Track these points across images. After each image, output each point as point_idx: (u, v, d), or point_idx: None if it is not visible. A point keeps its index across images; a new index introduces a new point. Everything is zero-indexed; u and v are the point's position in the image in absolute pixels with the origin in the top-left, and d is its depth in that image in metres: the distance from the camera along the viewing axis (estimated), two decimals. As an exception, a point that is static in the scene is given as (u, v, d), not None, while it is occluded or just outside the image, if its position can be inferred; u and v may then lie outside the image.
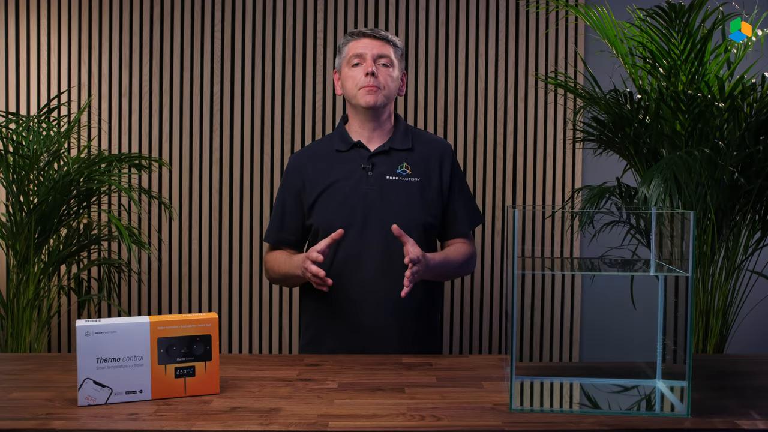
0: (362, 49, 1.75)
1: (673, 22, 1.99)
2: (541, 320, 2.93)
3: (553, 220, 1.28)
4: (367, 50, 1.74)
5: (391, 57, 1.76)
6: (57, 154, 2.40)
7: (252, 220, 2.96)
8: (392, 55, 1.77)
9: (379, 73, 1.73)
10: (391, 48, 1.77)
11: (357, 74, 1.74)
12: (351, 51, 1.77)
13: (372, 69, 1.72)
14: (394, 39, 1.79)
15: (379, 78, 1.73)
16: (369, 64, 1.73)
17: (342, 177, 1.75)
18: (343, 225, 1.69)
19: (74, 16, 2.89)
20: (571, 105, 2.95)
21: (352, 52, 1.76)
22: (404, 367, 1.45)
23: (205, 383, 1.26)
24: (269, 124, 2.94)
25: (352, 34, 1.79)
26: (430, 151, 1.80)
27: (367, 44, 1.75)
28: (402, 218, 1.70)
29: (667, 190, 1.83)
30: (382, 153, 1.77)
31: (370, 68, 1.72)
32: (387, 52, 1.76)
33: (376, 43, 1.75)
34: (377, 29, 1.78)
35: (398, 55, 1.79)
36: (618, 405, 1.21)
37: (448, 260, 1.74)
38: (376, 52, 1.74)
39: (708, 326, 2.15)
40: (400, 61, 1.80)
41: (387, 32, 1.80)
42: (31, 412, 1.16)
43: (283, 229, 1.82)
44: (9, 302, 2.40)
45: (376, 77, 1.73)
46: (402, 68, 1.81)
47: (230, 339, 2.97)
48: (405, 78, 1.85)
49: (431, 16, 2.95)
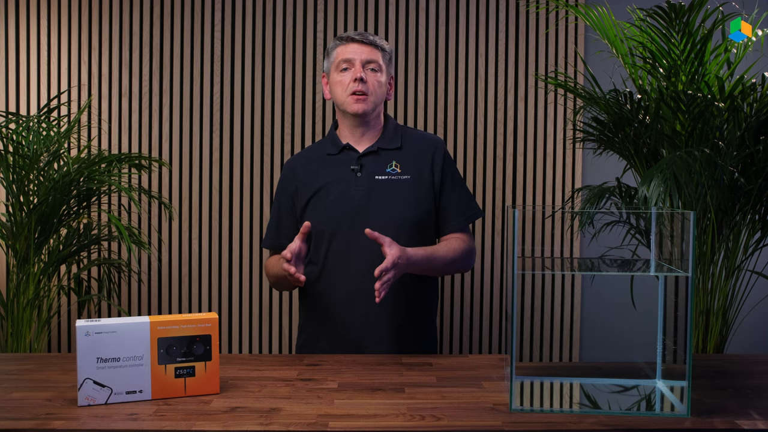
0: (351, 54, 1.75)
1: (673, 22, 1.99)
2: (541, 320, 2.92)
3: (553, 220, 1.28)
4: (356, 56, 1.74)
5: (380, 62, 1.77)
6: (57, 154, 2.40)
7: (252, 220, 2.96)
8: (380, 60, 1.77)
9: (367, 78, 1.74)
10: (379, 53, 1.77)
11: (345, 79, 1.75)
12: (340, 56, 1.77)
13: (361, 74, 1.72)
14: (383, 43, 1.79)
15: (367, 84, 1.74)
16: (358, 70, 1.73)
17: (332, 180, 1.76)
18: (333, 227, 1.70)
19: (74, 16, 2.89)
20: (571, 105, 2.95)
21: (340, 57, 1.76)
22: (404, 367, 1.45)
23: (205, 383, 1.26)
24: (269, 124, 2.94)
25: (340, 38, 1.79)
26: (420, 148, 1.80)
27: (356, 49, 1.75)
28: (392, 217, 1.70)
29: (667, 190, 1.83)
30: (371, 153, 1.77)
31: (359, 74, 1.72)
32: (375, 57, 1.76)
33: (365, 48, 1.76)
34: (366, 33, 1.79)
35: (386, 60, 1.80)
36: (618, 405, 1.21)
37: (434, 256, 1.69)
38: (365, 57, 1.75)
39: (708, 326, 2.15)
40: (388, 65, 1.81)
41: (375, 36, 1.80)
42: (31, 412, 1.16)
43: (280, 234, 1.83)
44: (9, 302, 2.40)
45: (365, 83, 1.73)
46: (390, 72, 1.82)
47: (230, 339, 2.97)
48: (392, 81, 1.85)
49: (431, 16, 2.95)
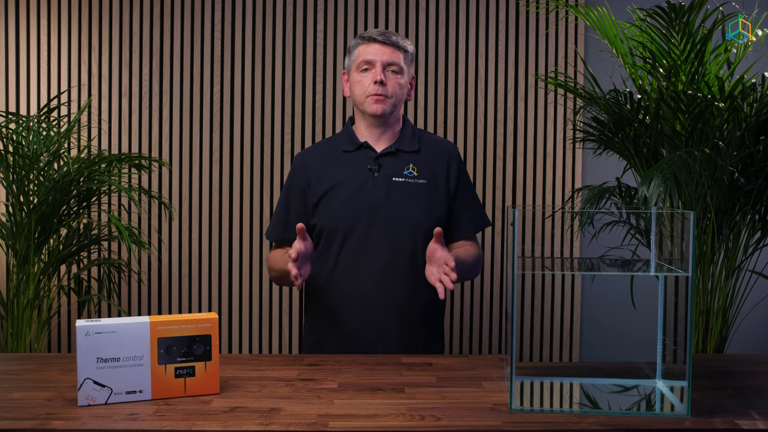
0: (372, 55, 1.72)
1: (673, 22, 1.99)
2: (541, 320, 2.93)
3: (553, 220, 1.27)
4: (377, 57, 1.71)
5: (401, 64, 1.73)
6: (57, 154, 2.40)
7: (252, 220, 2.96)
8: (402, 61, 1.74)
9: (387, 81, 1.71)
10: (401, 54, 1.74)
11: (366, 80, 1.72)
12: (361, 56, 1.73)
13: (380, 77, 1.70)
14: (405, 44, 1.76)
15: (387, 86, 1.71)
16: (378, 72, 1.70)
17: (347, 177, 1.73)
18: (348, 225, 1.67)
19: (74, 16, 2.89)
20: (571, 105, 2.96)
21: (361, 57, 1.73)
22: (404, 367, 1.45)
23: (205, 383, 1.26)
24: (269, 124, 2.94)
25: (362, 37, 1.75)
26: (437, 153, 1.78)
27: (378, 50, 1.72)
28: (408, 220, 1.69)
29: (667, 190, 1.83)
30: (389, 154, 1.75)
31: (379, 77, 1.69)
32: (397, 59, 1.73)
33: (387, 49, 1.72)
34: (388, 33, 1.74)
35: (408, 61, 1.76)
36: (618, 405, 1.21)
37: (465, 261, 1.70)
38: (386, 59, 1.71)
39: (708, 326, 2.15)
40: (410, 65, 1.77)
41: (398, 36, 1.75)
42: (31, 412, 1.15)
43: (287, 228, 1.79)
44: (9, 302, 2.40)
45: (384, 86, 1.71)
46: (411, 72, 1.79)
47: (230, 339, 2.97)
48: (414, 82, 1.82)
49: (431, 16, 2.95)
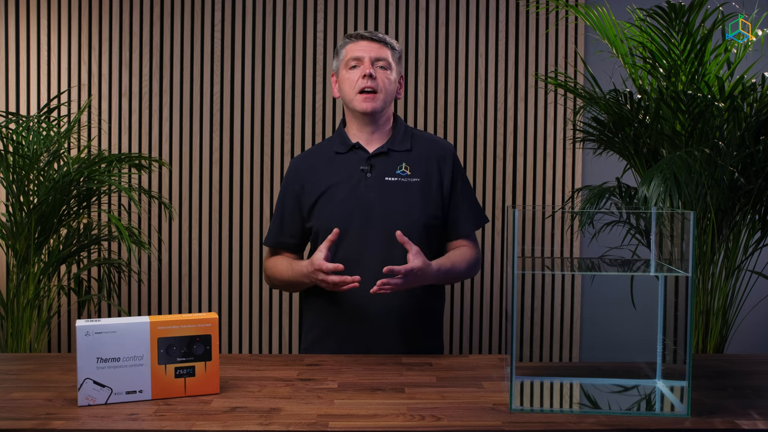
0: (360, 51, 1.74)
1: (673, 22, 1.99)
2: (541, 320, 2.92)
3: (553, 220, 1.28)
4: (365, 53, 1.74)
5: (389, 60, 1.76)
6: (57, 154, 2.40)
7: (252, 220, 2.96)
8: (390, 57, 1.76)
9: (377, 75, 1.73)
10: (389, 50, 1.77)
11: (354, 77, 1.74)
12: (349, 54, 1.76)
13: (370, 71, 1.71)
14: (392, 42, 1.79)
15: (377, 80, 1.72)
16: (367, 66, 1.72)
17: (341, 179, 1.74)
18: (342, 227, 1.68)
19: (74, 16, 2.89)
20: (571, 105, 2.95)
21: (350, 55, 1.75)
22: (404, 367, 1.45)
23: (205, 383, 1.26)
24: (269, 125, 2.94)
25: (349, 36, 1.78)
26: (430, 152, 1.79)
27: (365, 47, 1.74)
28: (402, 219, 1.69)
29: (667, 190, 1.83)
30: (381, 154, 1.76)
31: (368, 70, 1.71)
32: (385, 55, 1.75)
33: (374, 45, 1.75)
34: (375, 32, 1.78)
35: (396, 58, 1.79)
36: (618, 405, 1.21)
37: (454, 268, 1.72)
38: (374, 54, 1.74)
39: (708, 326, 2.15)
40: (398, 63, 1.80)
41: (385, 35, 1.79)
42: (31, 412, 1.16)
43: (283, 232, 1.81)
44: (9, 302, 2.40)
45: (374, 79, 1.72)
46: (400, 71, 1.81)
47: (230, 339, 2.97)
48: (402, 81, 1.84)
49: (431, 16, 2.95)
